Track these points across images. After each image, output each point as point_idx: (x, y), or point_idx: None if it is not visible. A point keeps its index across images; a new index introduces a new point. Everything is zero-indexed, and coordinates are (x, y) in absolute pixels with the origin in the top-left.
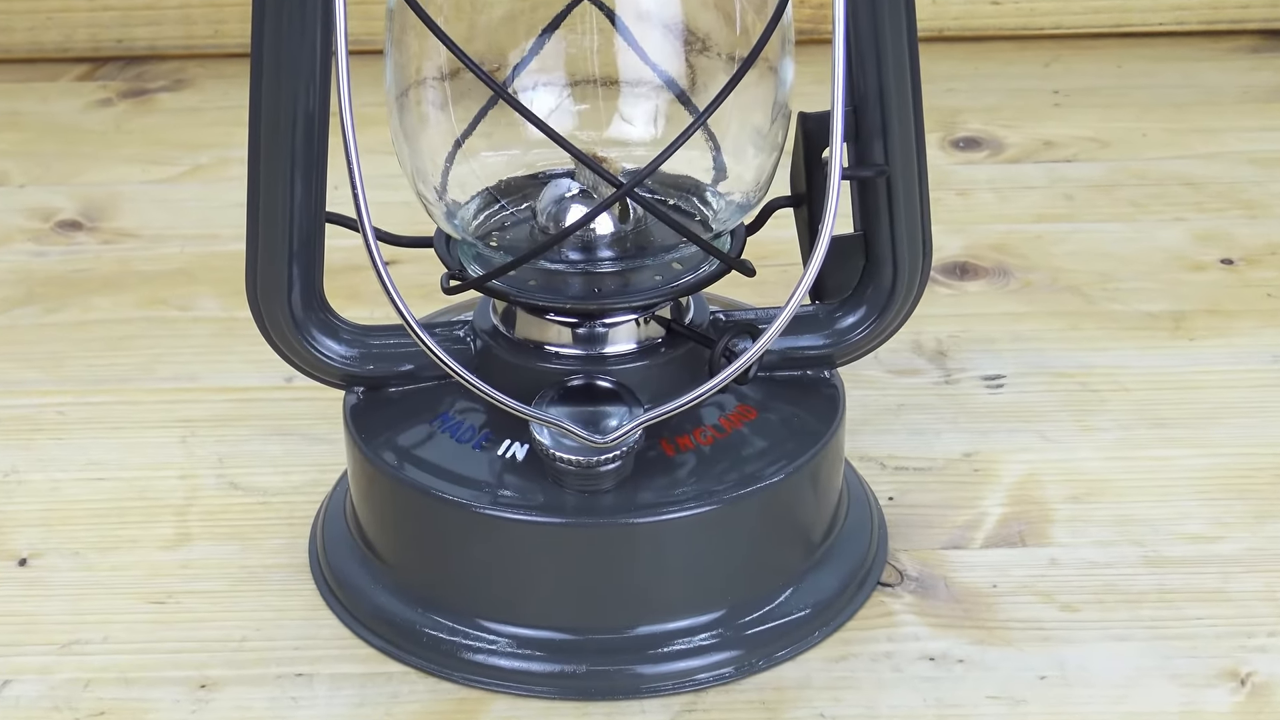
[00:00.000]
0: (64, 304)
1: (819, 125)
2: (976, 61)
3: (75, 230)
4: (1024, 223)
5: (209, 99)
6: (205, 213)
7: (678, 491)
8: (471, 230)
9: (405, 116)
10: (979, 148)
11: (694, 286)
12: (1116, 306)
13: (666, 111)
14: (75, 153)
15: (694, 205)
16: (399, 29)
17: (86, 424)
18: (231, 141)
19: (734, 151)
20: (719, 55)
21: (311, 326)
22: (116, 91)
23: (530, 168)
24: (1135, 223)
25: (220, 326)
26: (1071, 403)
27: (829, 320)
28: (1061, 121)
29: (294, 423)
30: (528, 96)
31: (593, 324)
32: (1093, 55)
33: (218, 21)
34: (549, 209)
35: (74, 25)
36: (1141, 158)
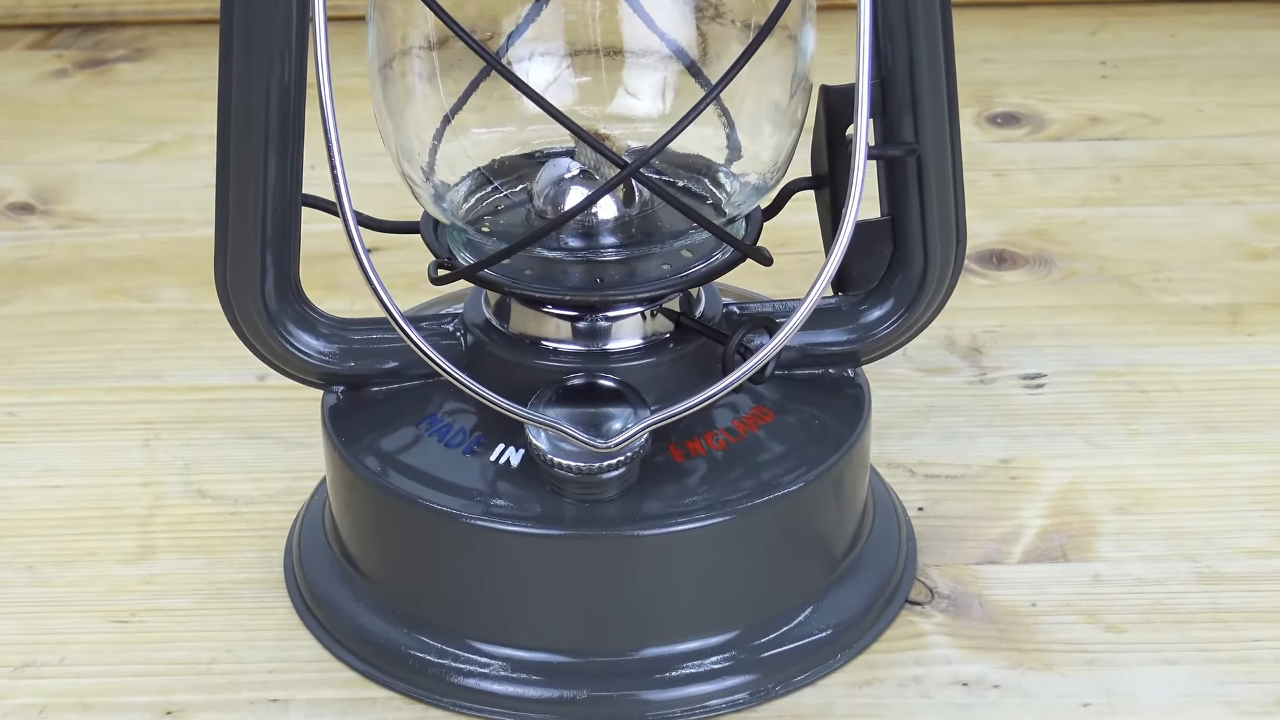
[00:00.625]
0: (15, 295)
1: (843, 99)
2: (1016, 29)
3: (27, 214)
4: (1067, 207)
5: (172, 70)
6: (169, 195)
7: (687, 501)
8: (462, 214)
9: (389, 89)
10: (1018, 124)
11: (705, 276)
12: (1168, 299)
13: (675, 84)
14: (27, 129)
15: (705, 187)
16: None
17: (40, 426)
18: (198, 116)
19: (749, 129)
20: (733, 22)
21: (286, 320)
22: (72, 61)
23: (526, 146)
24: (1189, 206)
25: (186, 320)
26: (1118, 404)
27: (853, 314)
28: (1109, 95)
29: (267, 425)
30: (523, 68)
31: (594, 317)
32: (1144, 22)
33: None
34: (547, 191)
35: None
36: (1196, 135)
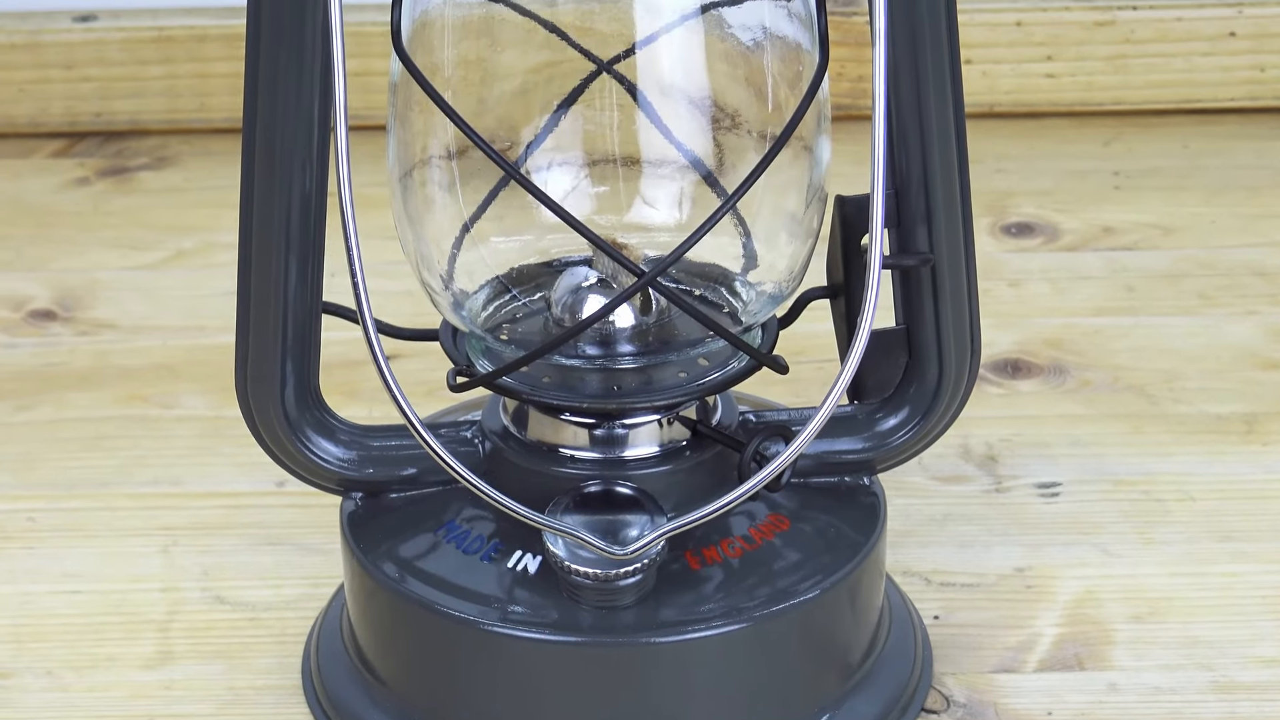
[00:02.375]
0: (36, 401)
1: (858, 210)
2: (1030, 140)
3: (49, 320)
4: (1082, 316)
5: (194, 178)
6: (190, 302)
7: (704, 608)
8: (480, 322)
9: (409, 198)
10: (1032, 234)
11: (722, 384)
12: (1182, 408)
13: (692, 194)
14: (50, 236)
15: (722, 296)
16: (403, 104)
17: (60, 531)
18: (218, 224)
19: (765, 238)
20: (749, 133)
21: (306, 426)
22: (94, 169)
23: (544, 255)
24: (1203, 317)
25: (206, 426)
26: (1133, 513)
27: (869, 422)
28: (1122, 206)
29: (286, 531)
30: (542, 177)
31: (612, 425)
32: (1156, 133)
33: (204, 94)
34: (565, 300)
35: (49, 97)
36: (1210, 245)
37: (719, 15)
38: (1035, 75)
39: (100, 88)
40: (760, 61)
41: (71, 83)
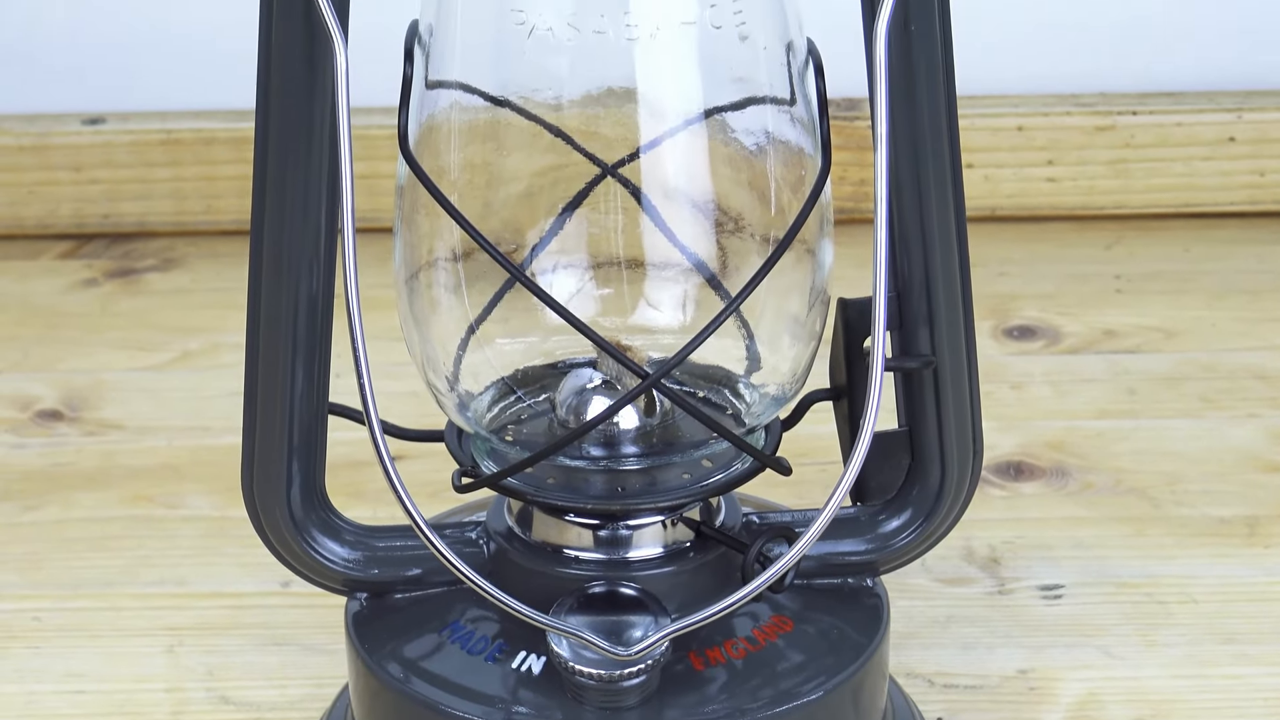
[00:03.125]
0: (43, 501)
1: (860, 312)
2: (1032, 243)
3: (56, 421)
4: (1084, 419)
5: (200, 279)
6: (195, 403)
7: (708, 709)
8: (485, 423)
9: (415, 300)
10: (1034, 337)
11: (725, 486)
12: (1184, 511)
13: (696, 296)
14: (57, 337)
15: (725, 398)
16: (409, 206)
17: (65, 631)
18: (224, 326)
19: (769, 340)
20: (752, 236)
21: (312, 527)
22: (102, 271)
23: (549, 356)
24: (1205, 419)
25: (211, 526)
26: (1136, 616)
27: (871, 524)
28: (1124, 309)
29: (291, 631)
30: (547, 279)
31: (616, 526)
32: (1158, 237)
33: (211, 196)
34: (569, 401)
35: (58, 199)
36: (1211, 349)
37: (722, 120)
38: (1037, 179)
39: (108, 190)
40: (763, 166)
41: (80, 185)
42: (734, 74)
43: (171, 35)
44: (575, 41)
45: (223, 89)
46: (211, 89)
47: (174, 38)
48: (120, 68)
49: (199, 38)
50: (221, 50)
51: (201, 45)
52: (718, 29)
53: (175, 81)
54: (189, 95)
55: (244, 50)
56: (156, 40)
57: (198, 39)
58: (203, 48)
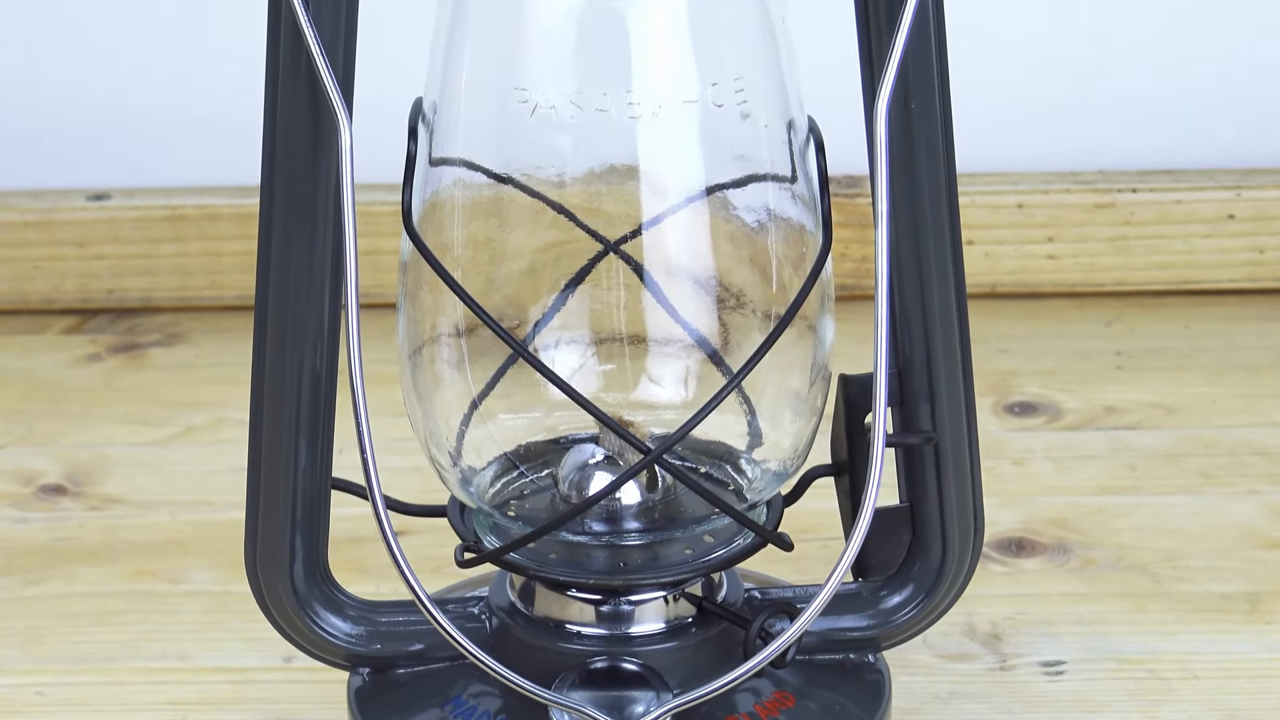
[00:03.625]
0: (46, 575)
1: (861, 389)
2: (1032, 320)
3: (59, 495)
4: (1085, 495)
5: (204, 355)
6: (199, 478)
7: None
8: (488, 499)
9: (418, 375)
10: (1035, 414)
11: (727, 561)
12: (1186, 587)
13: (698, 372)
14: (61, 412)
15: (727, 473)
16: (412, 282)
17: (68, 706)
18: (228, 401)
19: (770, 416)
20: (754, 312)
21: (314, 602)
22: (106, 346)
23: (551, 432)
24: (1205, 496)
25: (214, 601)
26: (1138, 692)
27: (873, 599)
28: (1125, 385)
29: (293, 706)
30: (549, 355)
31: (618, 601)
32: (1158, 314)
33: (215, 272)
34: (571, 476)
35: (62, 275)
36: (1211, 425)
37: (724, 197)
38: (1037, 256)
39: (113, 265)
40: (765, 242)
41: (84, 260)
42: (735, 151)
43: (176, 111)
44: (578, 119)
45: (227, 165)
46: (216, 165)
47: (179, 114)
48: (125, 144)
49: (203, 114)
50: (226, 127)
51: (206, 121)
52: (719, 107)
53: (180, 157)
54: (194, 171)
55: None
56: (161, 116)
57: (202, 115)
58: (207, 124)
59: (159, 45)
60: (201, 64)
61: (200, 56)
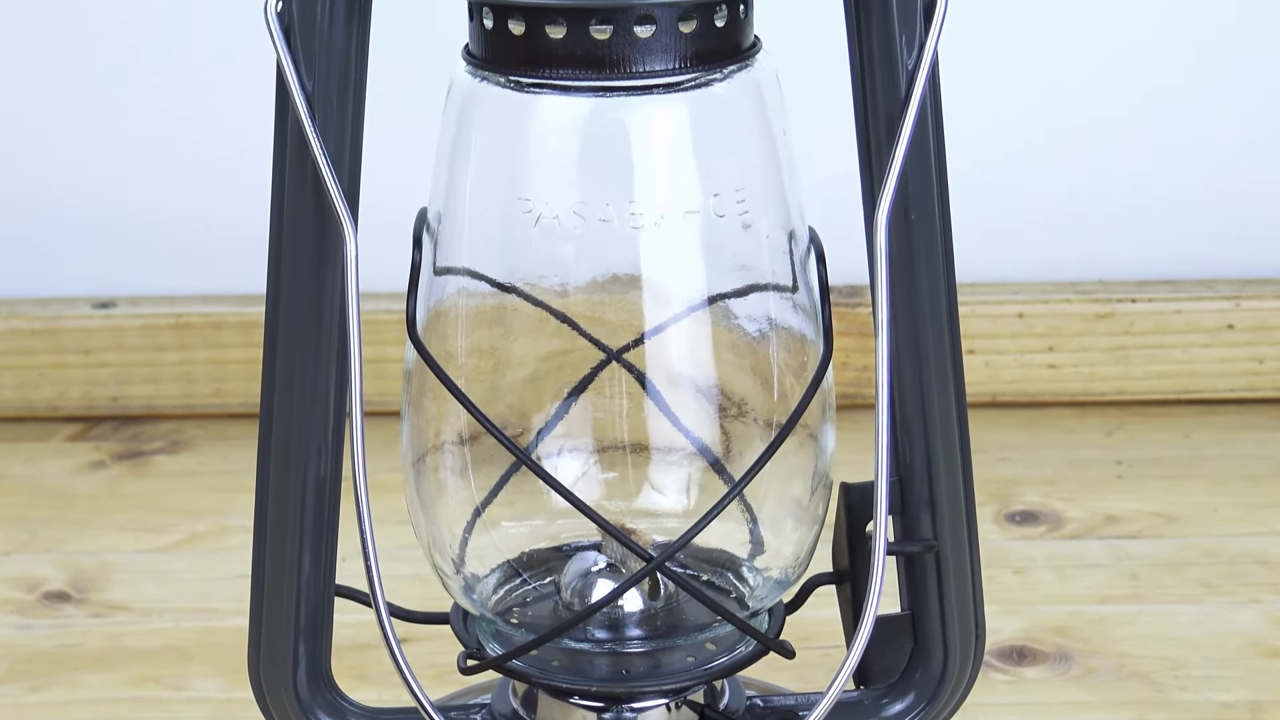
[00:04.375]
0: (49, 682)
1: (862, 497)
2: (1033, 429)
3: (63, 602)
4: (1086, 604)
5: (208, 462)
6: (202, 585)
7: None
8: (491, 606)
9: (422, 483)
10: (1036, 522)
11: (729, 669)
12: (1188, 696)
13: (700, 480)
14: (64, 519)
15: (729, 581)
16: (416, 390)
17: None
18: (231, 508)
19: (772, 524)
20: (756, 421)
21: (317, 709)
22: (110, 453)
23: (554, 539)
24: (1207, 605)
25: (216, 709)
26: None
27: (875, 707)
28: (1126, 494)
29: None
30: (552, 463)
31: (620, 708)
32: (1159, 423)
33: (220, 380)
34: (574, 584)
35: (67, 382)
36: (1212, 534)
37: (725, 306)
38: (1038, 366)
39: (117, 373)
40: (766, 351)
41: (89, 368)
42: (737, 261)
43: (181, 220)
44: (581, 229)
45: (232, 274)
46: (221, 274)
47: (183, 223)
48: (131, 252)
49: (208, 223)
50: (230, 235)
51: (211, 231)
52: (721, 218)
53: (185, 266)
54: (199, 280)
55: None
56: (166, 225)
57: (207, 224)
58: (212, 233)
59: (165, 153)
60: (207, 172)
61: (206, 165)
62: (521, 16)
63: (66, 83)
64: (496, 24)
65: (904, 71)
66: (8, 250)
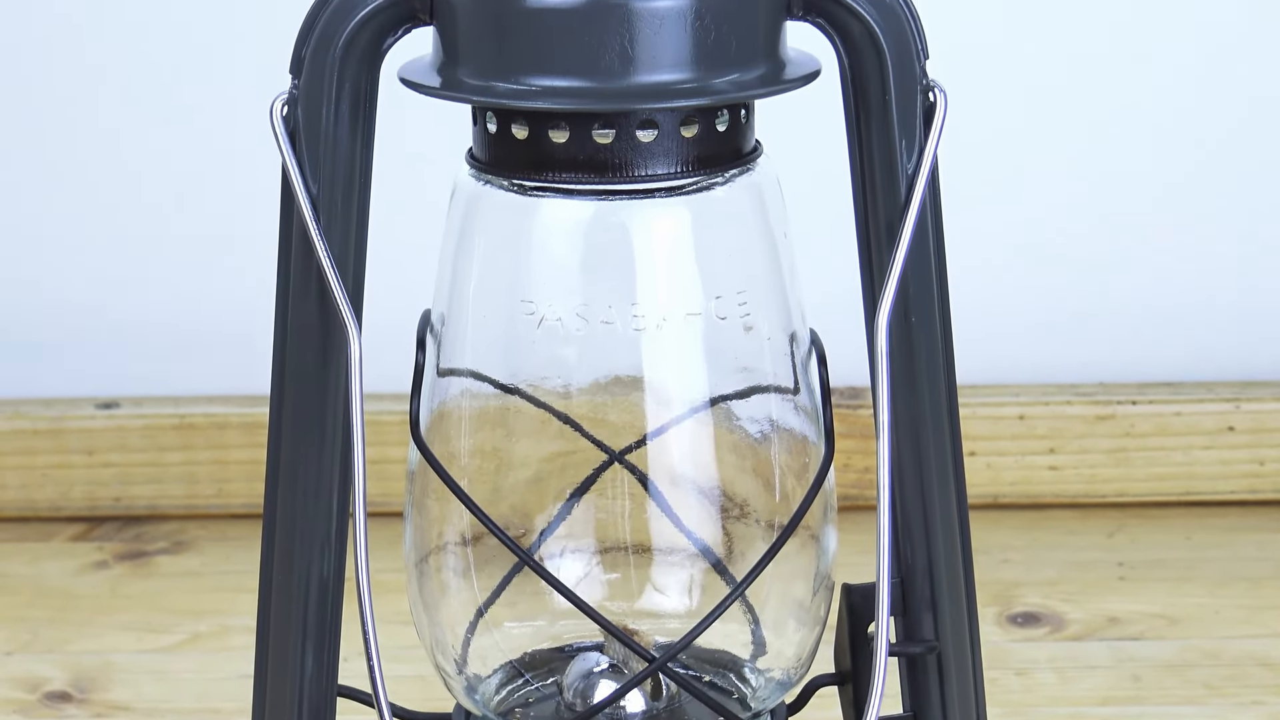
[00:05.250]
0: None
1: (864, 598)
2: (1035, 531)
3: (64, 702)
4: (1088, 705)
5: (210, 562)
6: (204, 685)
7: None
8: (493, 707)
9: (425, 583)
10: (1038, 624)
11: None
12: None
13: (702, 581)
14: (67, 619)
15: (731, 682)
16: (420, 491)
17: None
18: (233, 609)
19: (774, 625)
20: (758, 522)
21: None
22: (113, 553)
23: (557, 640)
24: (1209, 706)
25: None
26: None
27: None
28: (1127, 596)
29: None
30: (555, 564)
31: None
32: (1160, 525)
33: (222, 480)
34: (576, 684)
35: (70, 482)
36: (1214, 636)
37: (727, 408)
38: (1039, 467)
39: (120, 473)
40: (768, 453)
41: (93, 468)
42: (739, 364)
43: (184, 321)
44: (584, 332)
45: (235, 374)
46: (224, 374)
47: (186, 323)
48: (135, 353)
49: (211, 323)
50: (233, 336)
51: (213, 331)
52: (722, 320)
53: (188, 366)
54: (202, 380)
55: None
56: (169, 326)
57: (209, 325)
58: (214, 333)
59: (168, 256)
60: (209, 272)
61: (208, 265)
62: (525, 121)
63: (69, 183)
64: (500, 128)
65: (904, 175)
66: (12, 351)
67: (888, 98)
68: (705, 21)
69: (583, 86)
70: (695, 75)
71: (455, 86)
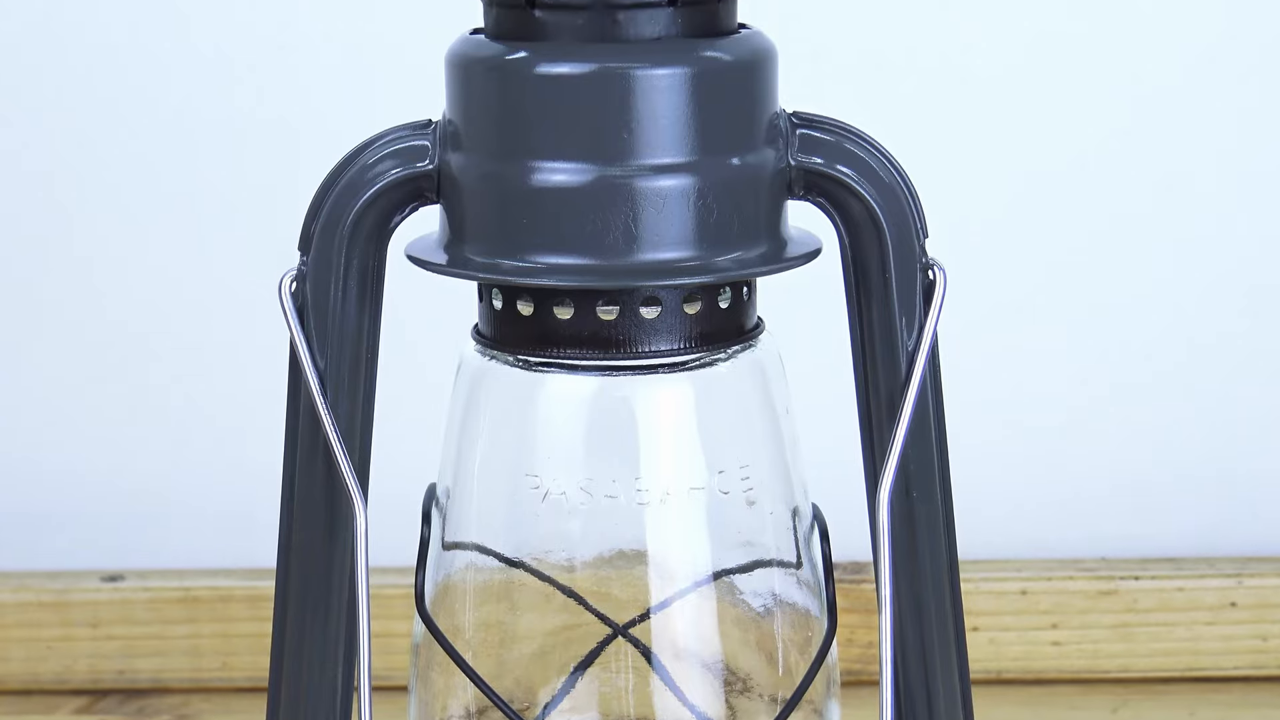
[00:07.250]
0: None
1: None
2: (1038, 706)
3: None
4: None
5: None
6: None
7: None
8: None
9: None
10: None
11: None
12: None
13: None
14: None
15: None
16: (424, 664)
17: None
18: None
19: None
20: (760, 696)
21: None
22: None
23: None
24: None
25: None
26: None
27: None
28: None
29: None
30: None
31: None
32: (1163, 700)
33: (227, 653)
34: None
35: (74, 655)
36: None
37: (730, 582)
38: (1041, 643)
39: (124, 646)
40: (771, 627)
41: (97, 641)
42: (741, 538)
43: (189, 494)
44: (588, 506)
45: (240, 547)
46: (228, 547)
47: (191, 496)
48: (140, 526)
49: (216, 497)
50: (238, 509)
51: (218, 504)
52: (725, 494)
53: (193, 539)
54: (207, 553)
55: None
56: (174, 499)
57: (214, 498)
58: (219, 506)
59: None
60: (214, 446)
61: (213, 439)
62: (530, 297)
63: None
64: (505, 304)
65: (904, 352)
66: (17, 524)
67: (888, 275)
68: (708, 201)
69: (587, 264)
70: (698, 253)
71: (461, 264)
